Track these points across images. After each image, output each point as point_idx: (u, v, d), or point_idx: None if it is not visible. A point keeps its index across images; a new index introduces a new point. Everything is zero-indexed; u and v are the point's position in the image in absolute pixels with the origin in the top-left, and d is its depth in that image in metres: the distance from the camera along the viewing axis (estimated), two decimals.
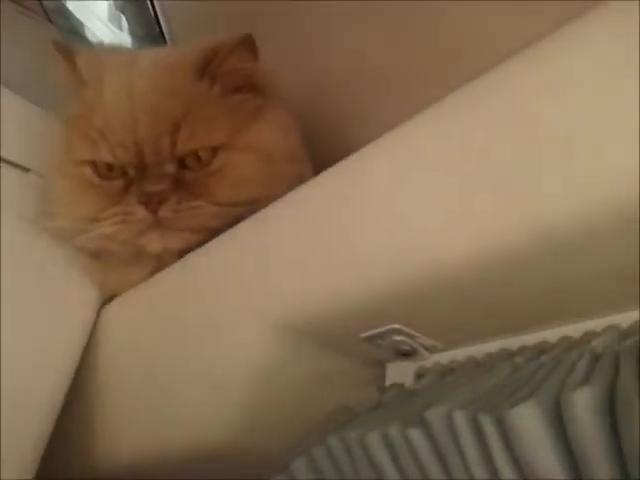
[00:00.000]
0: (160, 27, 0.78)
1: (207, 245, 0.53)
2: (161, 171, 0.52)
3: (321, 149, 0.60)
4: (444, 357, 0.46)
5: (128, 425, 0.57)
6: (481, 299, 0.39)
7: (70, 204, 0.56)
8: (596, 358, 0.33)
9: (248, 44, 0.54)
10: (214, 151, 0.53)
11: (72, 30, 0.93)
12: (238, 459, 0.52)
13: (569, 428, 0.29)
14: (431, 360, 0.47)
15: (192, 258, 0.54)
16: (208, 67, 0.54)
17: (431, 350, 0.47)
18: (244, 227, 0.50)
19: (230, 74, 0.55)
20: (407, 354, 0.47)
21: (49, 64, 0.77)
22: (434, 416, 0.33)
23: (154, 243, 0.53)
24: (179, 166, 0.53)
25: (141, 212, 0.51)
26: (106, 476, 0.60)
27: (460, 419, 0.32)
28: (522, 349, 0.40)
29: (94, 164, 0.54)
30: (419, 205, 0.38)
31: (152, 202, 0.51)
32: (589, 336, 0.37)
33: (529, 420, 0.29)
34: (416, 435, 0.34)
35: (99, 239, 0.54)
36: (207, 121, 0.53)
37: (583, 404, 0.28)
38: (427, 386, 0.42)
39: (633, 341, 0.34)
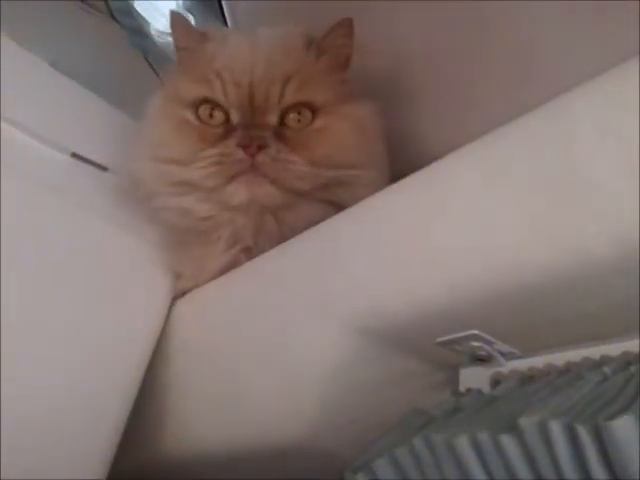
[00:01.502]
0: (227, 26, 0.80)
1: (284, 244, 0.54)
2: (264, 120, 0.55)
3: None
4: (521, 364, 0.47)
5: (198, 419, 0.59)
6: (562, 308, 0.40)
7: (168, 145, 0.58)
8: None
9: (349, 26, 0.58)
10: (315, 113, 0.57)
11: (137, 29, 0.95)
12: (309, 458, 0.54)
13: None
14: (507, 367, 0.47)
15: (268, 256, 0.55)
16: (315, 40, 0.59)
17: (508, 357, 0.47)
18: (324, 227, 0.51)
19: (334, 50, 0.59)
20: (483, 359, 0.47)
21: (114, 62, 0.80)
22: (528, 423, 0.34)
23: (242, 190, 0.55)
24: (280, 121, 0.56)
25: (240, 154, 0.53)
26: (174, 469, 0.62)
27: (556, 428, 0.33)
28: (605, 358, 0.41)
29: (196, 109, 0.57)
30: (504, 212, 0.38)
31: (252, 145, 0.53)
32: None
33: (628, 431, 0.30)
34: (507, 441, 0.35)
35: (184, 191, 0.57)
36: (314, 82, 0.57)
37: None
38: (507, 392, 0.42)
39: None
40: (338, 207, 0.54)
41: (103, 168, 0.64)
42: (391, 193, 0.47)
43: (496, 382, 0.47)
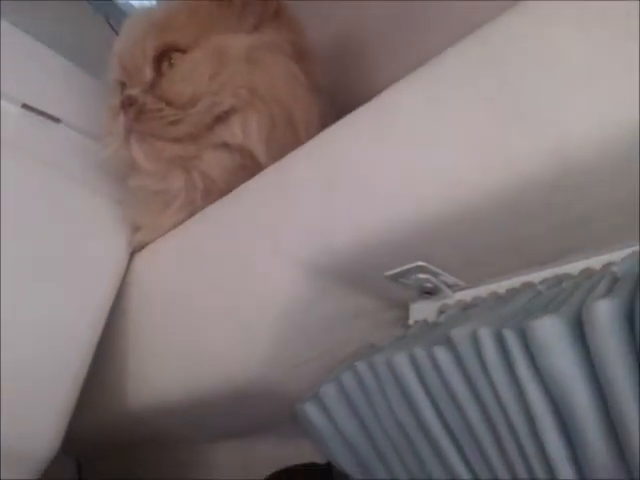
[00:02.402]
0: None
1: (235, 191, 0.54)
2: (140, 78, 0.56)
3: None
4: (467, 295, 0.48)
5: (159, 366, 0.59)
6: (502, 233, 0.40)
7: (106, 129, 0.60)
8: (616, 281, 0.35)
9: None
10: (185, 53, 0.56)
11: None
12: (266, 397, 0.54)
13: (589, 337, 0.30)
14: (454, 298, 0.48)
15: (220, 203, 0.55)
16: None
17: (454, 288, 0.48)
18: (271, 170, 0.51)
19: None
20: (430, 292, 0.48)
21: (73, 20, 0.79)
22: (459, 334, 0.35)
23: (136, 152, 0.55)
24: (156, 73, 0.56)
25: (121, 117, 0.55)
26: (138, 415, 0.63)
27: (484, 335, 0.34)
28: (544, 281, 0.42)
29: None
30: (446, 138, 0.39)
31: (125, 106, 0.54)
32: (609, 266, 0.39)
33: (551, 332, 0.31)
34: (441, 353, 0.36)
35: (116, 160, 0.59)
36: (175, 24, 0.57)
37: (603, 314, 0.30)
38: (450, 317, 0.43)
39: None
40: (241, 151, 0.55)
41: (55, 119, 0.63)
42: (338, 126, 0.47)
43: (443, 313, 0.48)
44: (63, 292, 0.58)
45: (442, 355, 0.36)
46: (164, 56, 0.56)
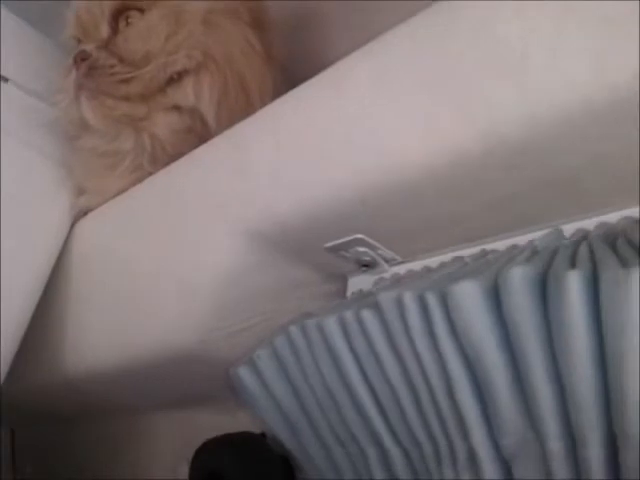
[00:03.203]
0: None
1: (182, 159, 0.54)
2: (96, 35, 0.55)
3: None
4: (403, 269, 0.49)
5: (97, 332, 0.59)
6: (437, 209, 0.42)
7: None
8: (535, 253, 0.37)
9: None
10: (143, 12, 0.55)
11: None
12: (204, 364, 0.55)
13: (504, 301, 0.32)
14: (390, 272, 0.50)
15: (169, 170, 0.55)
16: None
17: (391, 263, 0.49)
18: (221, 138, 0.51)
19: None
20: (368, 265, 0.50)
21: None
22: (385, 297, 0.36)
23: (85, 108, 0.55)
24: (114, 31, 0.55)
25: (73, 73, 0.54)
26: (76, 382, 0.63)
27: (408, 298, 0.35)
28: (472, 255, 0.43)
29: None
30: (388, 113, 0.40)
31: (77, 61, 0.53)
32: (532, 242, 0.40)
33: (469, 295, 0.32)
34: (368, 316, 0.37)
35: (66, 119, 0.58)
36: None
37: (518, 277, 0.31)
38: (382, 286, 0.45)
39: (571, 241, 0.37)
40: (191, 113, 0.55)
41: (4, 79, 0.62)
42: (288, 98, 0.47)
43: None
44: (1, 253, 0.57)
45: (369, 318, 0.37)
46: (122, 14, 0.55)
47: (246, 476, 0.55)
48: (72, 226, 0.63)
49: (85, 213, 0.63)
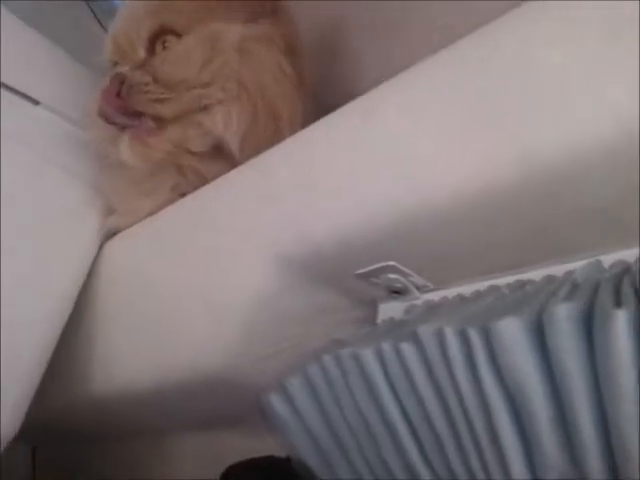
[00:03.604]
0: None
1: (215, 182, 0.55)
2: (132, 58, 0.56)
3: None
4: (435, 296, 0.49)
5: (126, 353, 0.59)
6: (471, 235, 0.42)
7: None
8: (576, 286, 0.36)
9: None
10: (180, 37, 0.56)
11: None
12: (233, 388, 0.55)
13: (549, 339, 0.32)
14: (422, 299, 0.50)
15: (200, 193, 0.56)
16: None
17: (422, 290, 0.49)
18: (251, 165, 0.52)
19: None
20: (399, 292, 0.49)
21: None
22: (425, 331, 0.36)
23: (124, 150, 0.56)
24: (149, 53, 0.56)
25: (102, 104, 0.55)
26: (103, 403, 0.63)
27: (449, 333, 0.35)
28: (508, 285, 0.43)
29: None
30: (423, 142, 0.40)
31: (115, 83, 0.54)
32: (570, 273, 0.40)
33: (513, 331, 0.32)
34: (407, 349, 0.37)
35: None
36: (172, 8, 0.57)
37: (563, 316, 0.31)
38: (417, 315, 0.44)
39: (612, 274, 0.37)
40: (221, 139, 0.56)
41: (34, 101, 0.62)
42: (320, 124, 0.48)
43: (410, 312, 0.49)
44: (30, 273, 0.58)
45: (408, 351, 0.37)
46: (159, 38, 0.56)
47: None
48: (101, 247, 0.64)
49: (114, 233, 0.64)
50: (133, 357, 0.58)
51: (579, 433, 0.32)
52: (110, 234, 0.64)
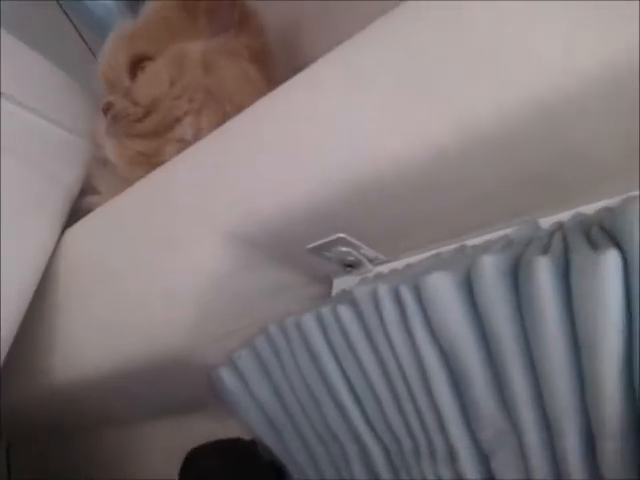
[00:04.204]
0: None
1: (167, 163, 0.55)
2: (120, 85, 0.61)
3: None
4: (386, 268, 0.49)
5: (86, 339, 0.59)
6: (418, 204, 0.42)
7: None
8: (510, 243, 0.36)
9: None
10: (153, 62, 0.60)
11: None
12: (191, 370, 0.55)
13: (476, 290, 0.32)
14: (374, 272, 0.50)
15: (152, 175, 0.56)
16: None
17: (374, 262, 0.49)
18: (203, 143, 0.52)
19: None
20: (352, 265, 0.49)
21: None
22: (360, 292, 0.36)
23: (108, 150, 0.61)
24: (132, 79, 0.61)
25: (102, 120, 0.60)
26: (66, 390, 0.62)
27: (382, 290, 0.35)
28: (449, 251, 0.43)
29: None
30: (364, 111, 0.40)
31: (104, 111, 0.59)
32: (507, 235, 0.40)
33: (442, 286, 0.32)
34: (345, 311, 0.37)
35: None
36: (145, 37, 0.62)
37: (489, 266, 0.31)
38: (362, 283, 0.44)
39: (546, 232, 0.37)
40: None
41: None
42: (266, 100, 0.48)
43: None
44: None
45: (345, 313, 0.37)
46: (138, 64, 0.61)
47: None
48: (62, 233, 0.64)
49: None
50: (92, 343, 0.58)
51: (512, 386, 0.32)
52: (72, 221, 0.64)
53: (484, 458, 0.34)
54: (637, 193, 0.34)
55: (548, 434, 0.32)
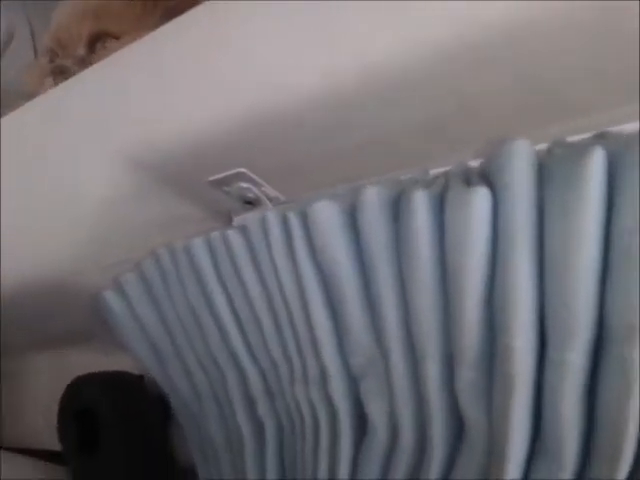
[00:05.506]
0: None
1: (70, 79, 0.52)
2: (74, 53, 0.61)
3: None
4: (285, 208, 0.49)
5: None
6: (315, 143, 0.42)
7: None
8: (398, 182, 0.38)
9: None
10: (118, 40, 0.61)
11: None
12: (79, 295, 0.53)
13: (358, 220, 0.33)
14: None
15: (54, 90, 0.53)
16: None
17: (274, 202, 0.50)
18: (105, 63, 0.50)
19: None
20: (252, 203, 0.50)
21: None
22: (251, 218, 0.36)
23: None
24: (89, 51, 0.61)
25: (49, 82, 0.61)
26: None
27: (271, 217, 0.35)
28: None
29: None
30: (263, 42, 0.40)
31: (55, 73, 0.61)
32: None
33: (326, 211, 0.33)
34: (234, 236, 0.37)
35: None
36: (112, 15, 0.63)
37: (372, 195, 0.32)
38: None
39: (432, 177, 0.38)
40: None
41: None
42: (170, 26, 0.46)
43: None
44: None
45: (234, 238, 0.37)
46: (99, 39, 0.61)
47: (120, 413, 0.54)
48: None
49: None
50: None
51: (381, 311, 0.33)
52: None
53: (354, 381, 0.36)
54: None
55: (413, 360, 0.34)
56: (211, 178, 0.47)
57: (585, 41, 0.30)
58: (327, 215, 0.33)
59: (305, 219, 0.34)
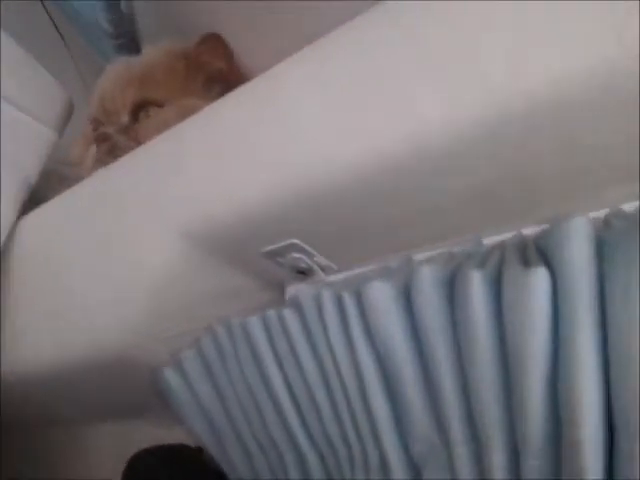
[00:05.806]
0: None
1: (123, 158, 0.54)
2: (116, 120, 0.63)
3: None
4: (338, 277, 0.49)
5: (35, 333, 0.58)
6: (370, 214, 0.42)
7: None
8: (452, 257, 0.37)
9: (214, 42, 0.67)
10: (162, 107, 0.63)
11: None
12: (140, 369, 0.54)
13: (413, 299, 0.32)
14: (326, 281, 0.50)
15: (106, 171, 0.55)
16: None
17: (327, 271, 0.49)
18: (157, 141, 0.52)
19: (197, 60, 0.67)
20: (304, 273, 0.49)
21: None
22: (304, 296, 0.36)
23: None
24: (133, 119, 0.63)
25: (93, 150, 0.62)
26: (12, 386, 0.61)
27: (326, 296, 0.35)
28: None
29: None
30: (319, 117, 0.41)
31: (98, 140, 0.61)
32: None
33: (380, 293, 0.33)
34: (289, 314, 0.37)
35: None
36: (155, 83, 0.65)
37: (427, 276, 0.32)
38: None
39: (485, 250, 0.37)
40: None
41: None
42: (225, 101, 0.48)
43: None
44: None
45: (289, 316, 0.37)
46: (142, 108, 0.64)
47: None
48: (17, 222, 0.63)
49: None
50: (40, 337, 0.57)
51: (442, 397, 0.32)
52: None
53: (415, 470, 0.34)
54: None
55: (477, 448, 0.32)
56: (264, 250, 0.48)
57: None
58: (382, 295, 0.33)
59: (359, 298, 0.33)
